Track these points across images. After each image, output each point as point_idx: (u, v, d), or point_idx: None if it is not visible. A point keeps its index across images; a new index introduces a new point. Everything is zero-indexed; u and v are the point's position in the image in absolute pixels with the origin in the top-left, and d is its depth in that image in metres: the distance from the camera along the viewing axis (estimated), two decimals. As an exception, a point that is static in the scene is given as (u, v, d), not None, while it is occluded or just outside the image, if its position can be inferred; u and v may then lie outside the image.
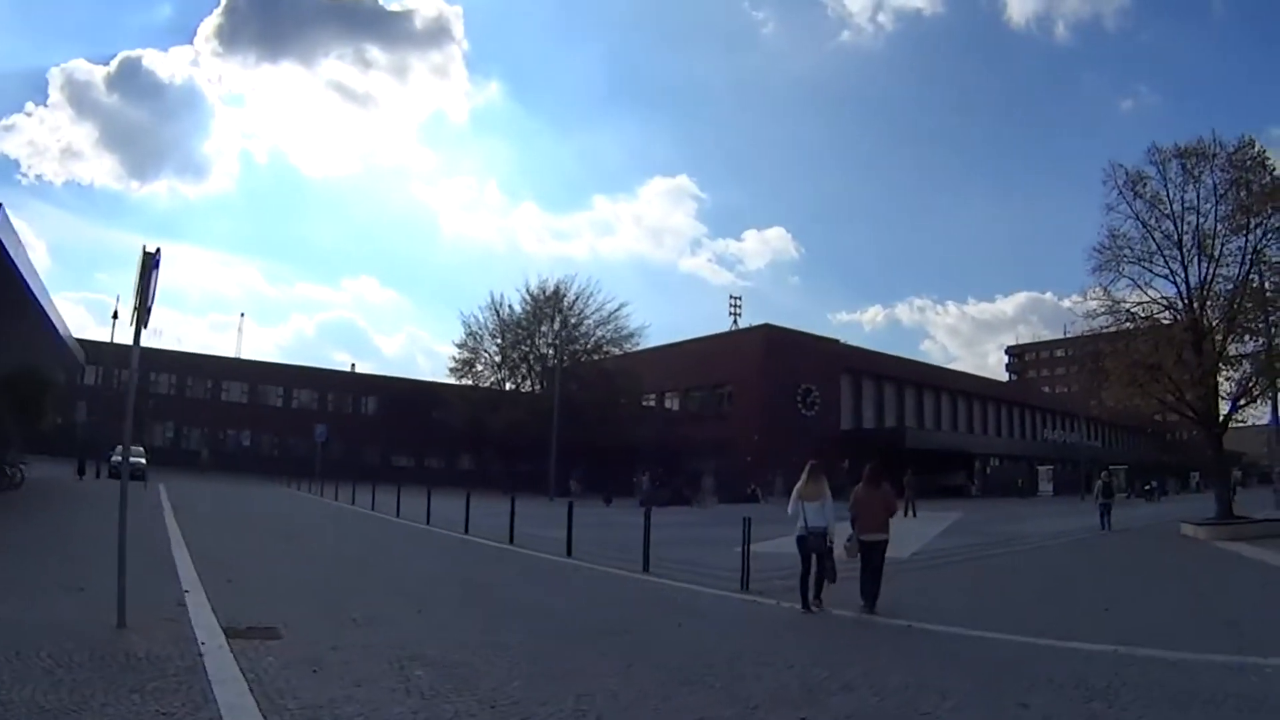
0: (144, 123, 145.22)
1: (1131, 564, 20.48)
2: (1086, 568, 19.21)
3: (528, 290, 72.14)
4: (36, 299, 20.28)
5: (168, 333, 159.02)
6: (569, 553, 18.67)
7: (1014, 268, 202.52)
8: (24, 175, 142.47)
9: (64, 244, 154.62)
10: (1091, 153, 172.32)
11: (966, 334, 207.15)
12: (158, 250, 9.74)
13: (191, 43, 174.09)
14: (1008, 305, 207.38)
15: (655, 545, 20.36)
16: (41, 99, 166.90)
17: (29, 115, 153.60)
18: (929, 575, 16.77)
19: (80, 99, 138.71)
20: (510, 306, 72.11)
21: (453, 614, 11.07)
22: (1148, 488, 66.68)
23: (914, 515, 36.15)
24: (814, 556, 11.99)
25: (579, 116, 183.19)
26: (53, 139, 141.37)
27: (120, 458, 36.07)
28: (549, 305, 71.03)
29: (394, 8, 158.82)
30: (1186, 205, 30.04)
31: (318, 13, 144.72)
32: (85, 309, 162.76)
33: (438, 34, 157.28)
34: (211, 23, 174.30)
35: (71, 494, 32.58)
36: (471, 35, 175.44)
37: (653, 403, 77.32)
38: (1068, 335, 48.39)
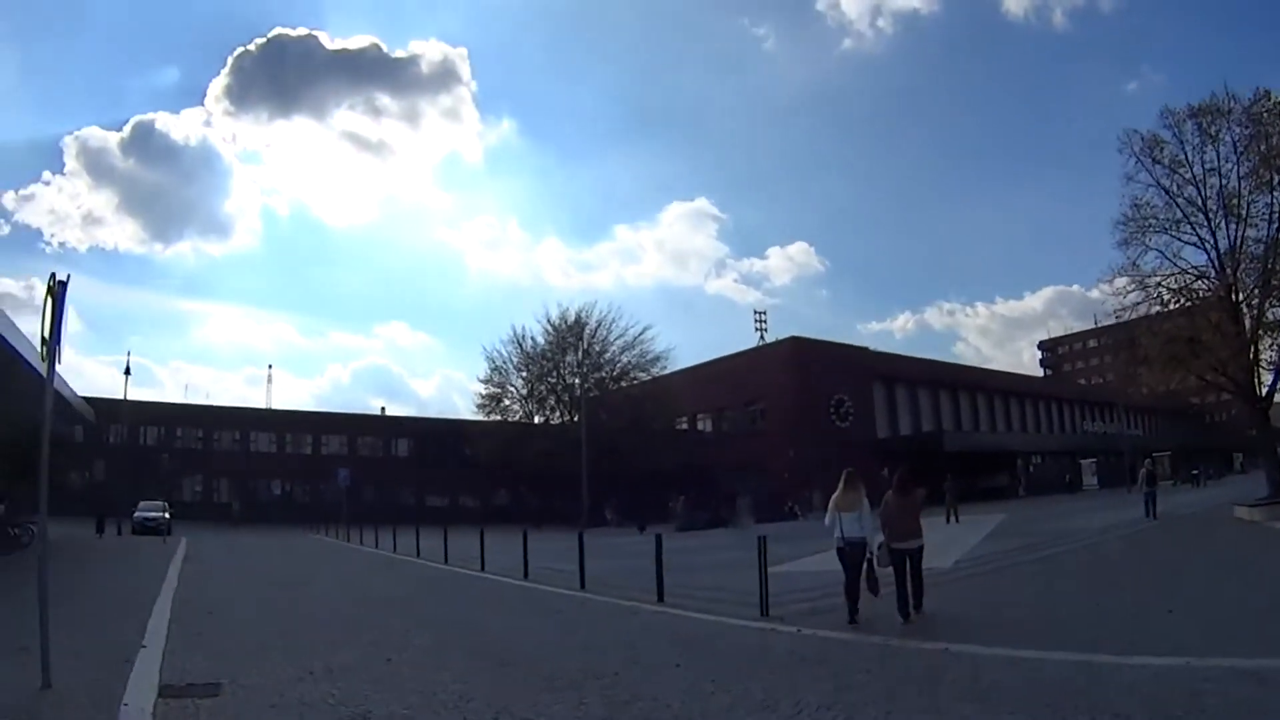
0: (163, 185, 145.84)
1: (1188, 555, 18.89)
2: (1141, 563, 17.67)
3: (549, 321, 71.14)
4: (23, 356, 19.46)
5: (200, 389, 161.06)
6: (582, 585, 17.49)
7: (1039, 263, 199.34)
8: (48, 244, 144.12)
9: (94, 310, 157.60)
10: (1102, 138, 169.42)
11: (998, 333, 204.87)
12: (67, 278, 8.70)
13: (202, 104, 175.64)
14: (1036, 301, 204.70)
15: (683, 571, 19.48)
16: (58, 168, 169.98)
17: (47, 184, 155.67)
18: (971, 585, 15.38)
19: (96, 165, 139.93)
20: (533, 339, 71.24)
21: (428, 661, 9.87)
22: (1194, 473, 64.94)
23: (956, 521, 34.82)
24: (856, 567, 11.61)
25: (592, 148, 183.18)
26: (73, 206, 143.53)
27: (140, 513, 35.51)
28: (571, 335, 69.98)
29: (399, 54, 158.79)
30: (1207, 167, 28.85)
31: (324, 65, 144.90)
32: (119, 372, 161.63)
33: (445, 77, 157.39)
34: (220, 83, 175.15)
35: (84, 552, 31.80)
36: (479, 75, 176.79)
37: (685, 426, 76.08)
38: (1098, 325, 47.00)
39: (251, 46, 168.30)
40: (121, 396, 54.48)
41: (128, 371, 49.33)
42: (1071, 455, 79.77)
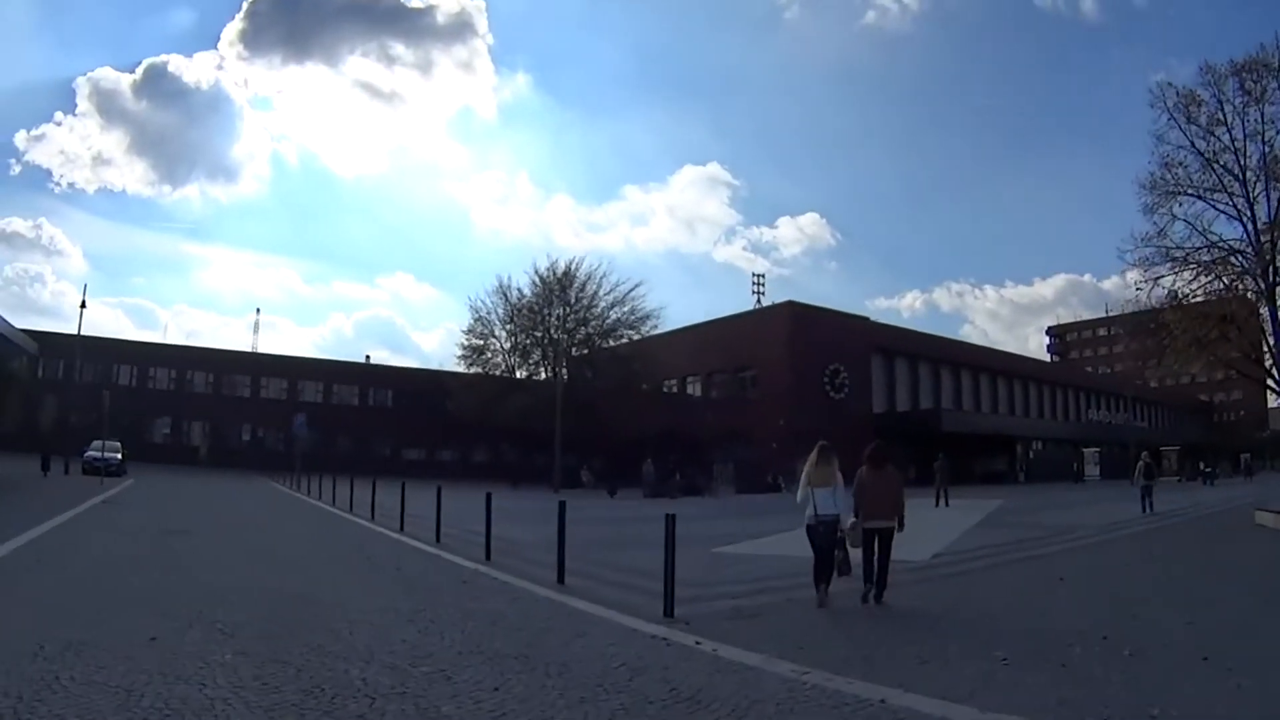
0: (173, 128, 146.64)
1: (1211, 567, 15.85)
2: (1155, 574, 14.61)
3: (536, 272, 67.71)
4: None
5: (188, 331, 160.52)
6: (487, 557, 14.86)
7: (1051, 249, 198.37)
8: (56, 184, 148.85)
9: (100, 250, 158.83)
10: (1124, 129, 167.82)
11: (1006, 318, 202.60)
12: None
13: (216, 48, 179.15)
14: (1046, 288, 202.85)
15: (618, 546, 17.60)
16: (70, 108, 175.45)
17: (58, 125, 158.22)
18: (946, 589, 12.51)
19: (108, 107, 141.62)
20: (519, 290, 67.83)
21: (191, 649, 7.43)
22: (1206, 470, 62.25)
23: (946, 504, 32.13)
24: (824, 547, 10.81)
25: (607, 107, 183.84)
26: (83, 147, 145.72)
27: (90, 453, 33.73)
28: (559, 287, 66.69)
29: (415, 4, 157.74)
30: (1249, 131, 25.70)
31: (339, 11, 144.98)
32: (124, 313, 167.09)
33: (461, 28, 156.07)
34: (235, 27, 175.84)
35: (14, 490, 29.56)
36: (496, 28, 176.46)
37: (674, 388, 73.41)
38: (1110, 314, 44.33)
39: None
40: (129, 338, 53.31)
41: (83, 305, 46.49)
42: (1074, 444, 77.48)
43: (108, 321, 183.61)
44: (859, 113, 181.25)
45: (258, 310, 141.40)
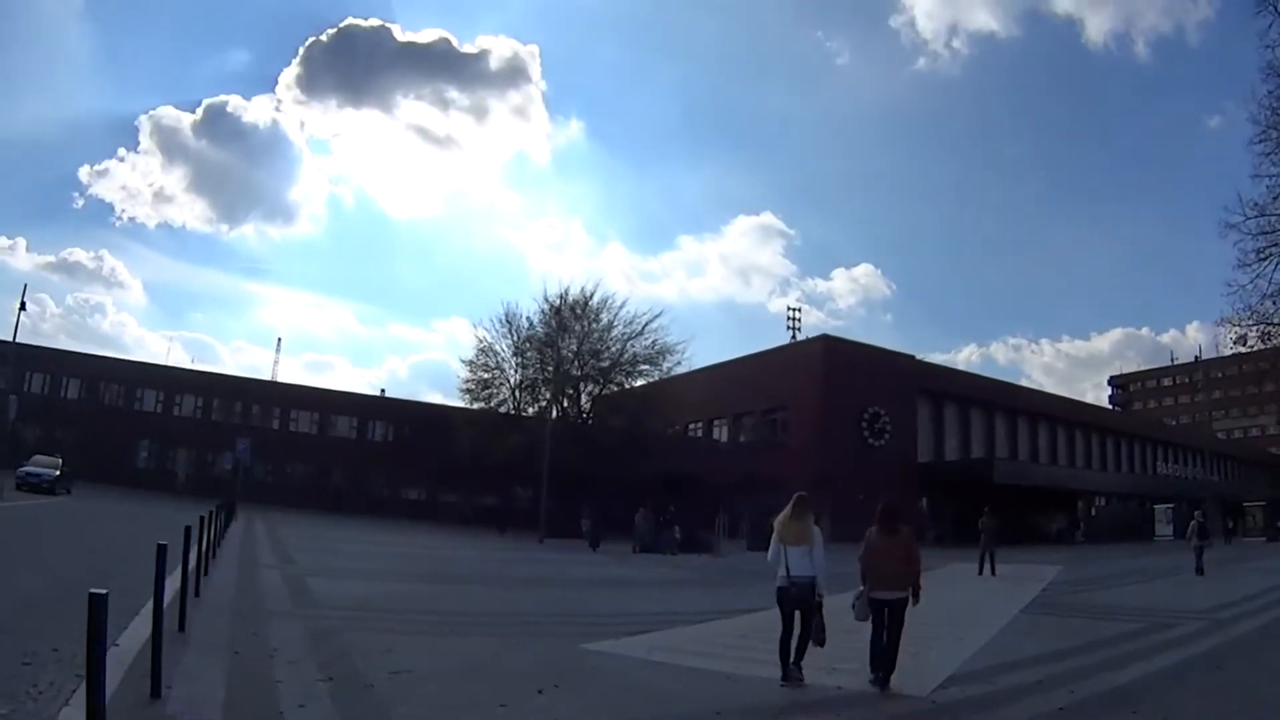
0: (232, 167, 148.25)
1: None
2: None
3: (545, 299, 62.05)
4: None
5: (258, 367, 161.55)
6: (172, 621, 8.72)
7: (1107, 302, 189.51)
8: (118, 218, 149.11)
9: (159, 284, 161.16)
10: (1181, 176, 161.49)
11: (1063, 372, 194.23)
12: None
13: (274, 90, 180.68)
14: (1103, 342, 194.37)
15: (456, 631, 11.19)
16: (133, 145, 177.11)
17: (121, 160, 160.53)
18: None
19: (169, 145, 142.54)
20: (528, 319, 62.04)
21: None
22: (1288, 528, 55.43)
23: (993, 574, 25.61)
24: (797, 614, 9.46)
25: (660, 155, 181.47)
26: (144, 183, 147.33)
27: (25, 468, 29.08)
28: (571, 316, 60.80)
29: (468, 49, 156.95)
30: None
31: (393, 57, 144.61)
32: (181, 346, 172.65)
33: (514, 74, 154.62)
34: (292, 71, 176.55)
35: None
36: (549, 75, 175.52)
37: (699, 431, 67.33)
38: (1175, 363, 37.45)
39: (323, 36, 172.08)
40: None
41: (22, 306, 42.05)
42: (1140, 499, 70.07)
43: (166, 354, 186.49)
44: (911, 162, 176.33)
45: (279, 340, 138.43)
